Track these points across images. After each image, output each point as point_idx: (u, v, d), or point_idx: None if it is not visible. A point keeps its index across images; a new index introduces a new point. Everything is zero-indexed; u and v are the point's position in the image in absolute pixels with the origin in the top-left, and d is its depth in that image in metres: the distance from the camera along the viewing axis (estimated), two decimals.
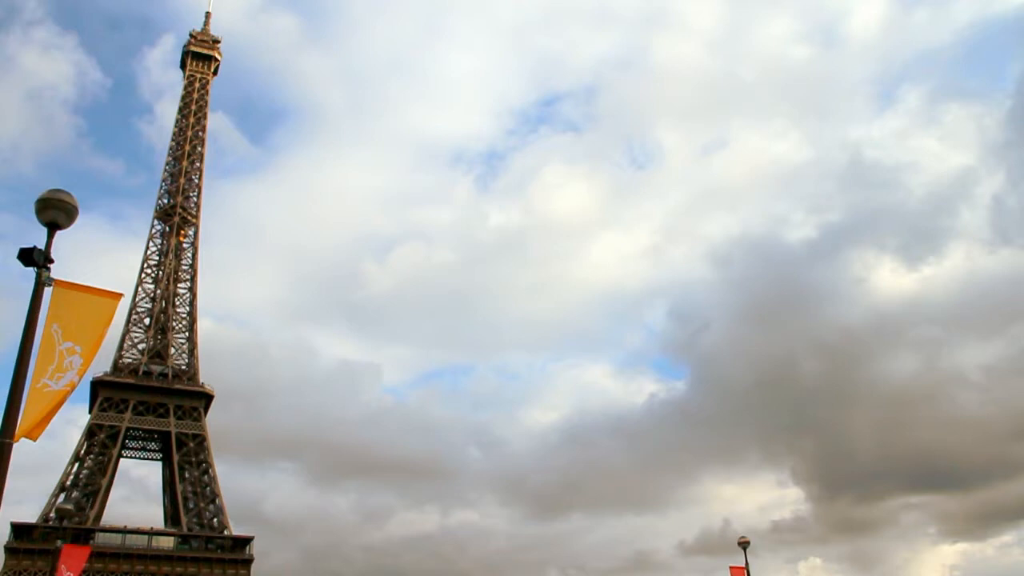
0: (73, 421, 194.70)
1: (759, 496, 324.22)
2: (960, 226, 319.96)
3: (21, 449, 9.22)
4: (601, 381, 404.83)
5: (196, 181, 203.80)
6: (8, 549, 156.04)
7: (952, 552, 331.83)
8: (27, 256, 9.79)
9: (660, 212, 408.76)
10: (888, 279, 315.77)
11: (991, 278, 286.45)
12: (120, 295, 10.37)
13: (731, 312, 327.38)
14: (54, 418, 9.57)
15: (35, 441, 9.63)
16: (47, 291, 9.77)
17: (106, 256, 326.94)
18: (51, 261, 9.87)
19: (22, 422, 9.14)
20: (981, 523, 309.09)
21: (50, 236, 10.16)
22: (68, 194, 10.19)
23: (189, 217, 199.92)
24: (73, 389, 9.55)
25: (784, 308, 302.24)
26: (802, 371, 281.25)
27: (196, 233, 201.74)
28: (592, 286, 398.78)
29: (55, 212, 10.08)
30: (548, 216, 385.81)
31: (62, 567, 28.85)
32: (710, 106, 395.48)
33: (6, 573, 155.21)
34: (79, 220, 10.43)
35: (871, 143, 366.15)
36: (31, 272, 9.93)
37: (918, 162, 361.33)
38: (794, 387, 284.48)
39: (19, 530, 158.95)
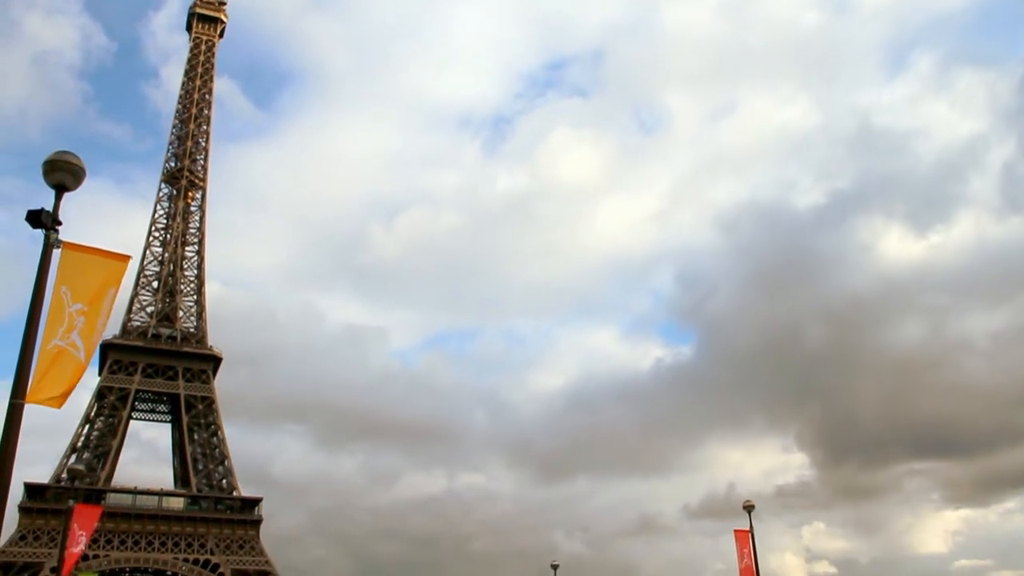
0: (83, 383, 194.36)
1: (764, 461, 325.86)
2: (970, 194, 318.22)
3: (32, 411, 9.30)
4: (607, 346, 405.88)
5: (203, 144, 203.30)
6: (22, 509, 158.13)
7: (955, 518, 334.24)
8: (35, 218, 9.81)
9: (667, 177, 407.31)
10: (896, 246, 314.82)
11: (1000, 246, 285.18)
12: (128, 257, 10.39)
13: (738, 278, 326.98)
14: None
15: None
16: (56, 253, 9.78)
17: (114, 220, 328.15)
18: (59, 223, 9.88)
19: (33, 383, 9.21)
20: (984, 490, 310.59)
21: (58, 198, 10.16)
22: (75, 156, 10.17)
23: (196, 180, 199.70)
24: (90, 356, 9.62)
25: (791, 274, 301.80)
26: (808, 337, 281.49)
27: (203, 196, 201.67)
28: (599, 251, 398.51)
29: (62, 174, 10.07)
30: (555, 180, 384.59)
31: (75, 526, 29.20)
32: (719, 71, 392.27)
33: (20, 532, 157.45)
34: (86, 184, 10.41)
35: (881, 109, 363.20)
36: (40, 236, 9.94)
37: (928, 129, 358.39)
38: (800, 353, 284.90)
39: (32, 490, 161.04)
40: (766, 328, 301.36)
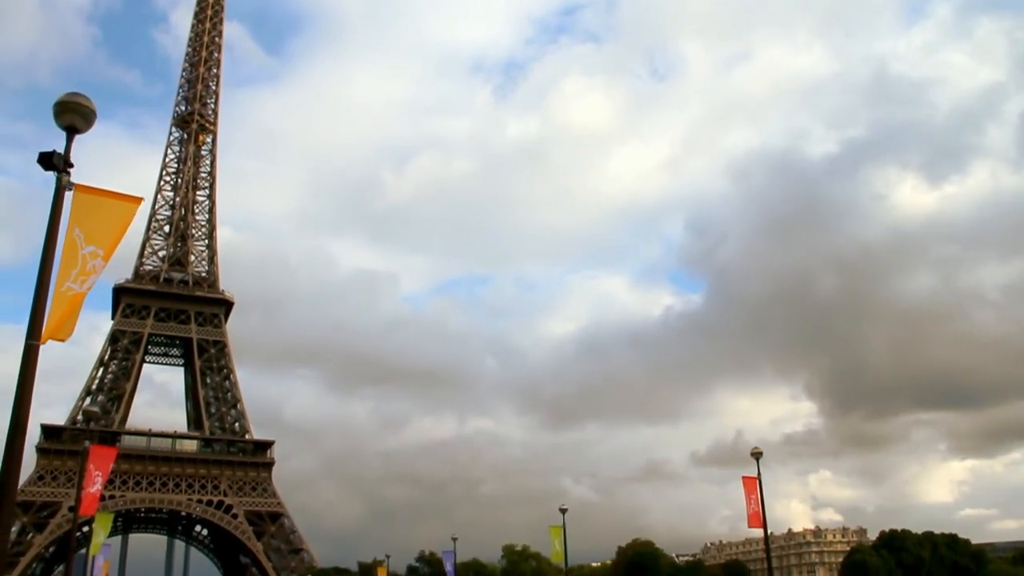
0: (97, 327, 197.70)
1: (772, 409, 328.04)
2: (986, 144, 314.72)
3: (47, 354, 9.36)
4: (618, 293, 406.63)
5: (213, 88, 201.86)
6: (39, 449, 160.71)
7: (961, 468, 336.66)
8: (47, 160, 9.77)
9: (680, 124, 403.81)
10: (909, 196, 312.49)
11: (1015, 197, 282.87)
12: (140, 199, 10.38)
13: (749, 226, 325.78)
14: (77, 324, 9.68)
15: (64, 341, 9.78)
16: (68, 196, 9.77)
17: (125, 165, 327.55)
18: (71, 165, 9.85)
19: (48, 325, 9.26)
20: (991, 440, 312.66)
21: (69, 140, 10.12)
22: (85, 97, 10.12)
23: (207, 124, 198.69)
24: (90, 288, 9.65)
25: (802, 224, 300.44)
26: (819, 287, 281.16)
27: (214, 140, 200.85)
28: (610, 198, 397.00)
29: (73, 115, 10.02)
30: (567, 127, 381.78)
31: (91, 466, 29.62)
32: (733, 18, 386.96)
33: (39, 472, 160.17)
34: (97, 129, 10.40)
35: (897, 57, 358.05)
36: (52, 178, 9.92)
37: (945, 77, 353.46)
38: (810, 302, 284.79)
39: (49, 432, 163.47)
40: (776, 277, 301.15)
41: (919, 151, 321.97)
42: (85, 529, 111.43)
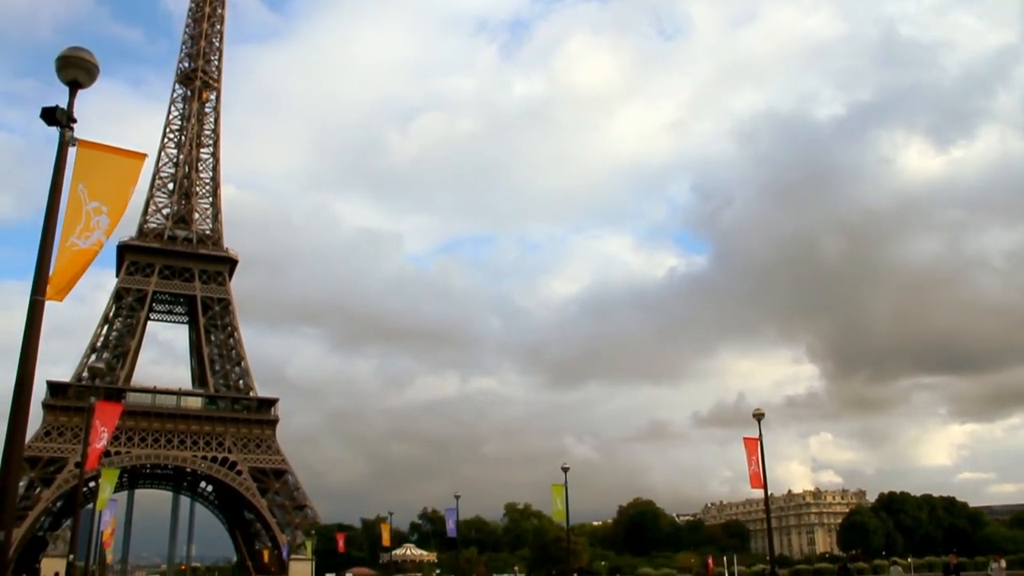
0: (101, 285, 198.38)
1: (774, 372, 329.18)
2: (995, 108, 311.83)
3: (52, 311, 9.37)
4: (622, 254, 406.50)
5: (216, 44, 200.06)
6: (45, 406, 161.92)
7: (961, 432, 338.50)
8: (50, 115, 9.71)
9: (686, 85, 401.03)
10: (915, 160, 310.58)
11: (1022, 162, 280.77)
12: (144, 155, 10.32)
13: (754, 189, 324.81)
14: (82, 281, 9.67)
15: (60, 302, 9.77)
16: (71, 152, 9.72)
17: (128, 122, 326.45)
18: (74, 120, 9.79)
19: (53, 280, 9.26)
20: (991, 405, 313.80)
21: (72, 95, 10.05)
22: (88, 52, 10.03)
23: (210, 81, 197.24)
24: (100, 248, 9.62)
25: (808, 187, 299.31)
26: (823, 250, 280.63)
27: (218, 98, 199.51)
28: (616, 159, 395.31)
29: (75, 70, 9.94)
30: (572, 87, 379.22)
31: (96, 422, 29.82)
32: None
33: (45, 428, 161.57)
34: (100, 85, 10.33)
35: (907, 19, 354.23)
36: (55, 134, 9.86)
37: (955, 40, 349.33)
38: (814, 266, 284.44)
39: (55, 388, 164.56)
40: (781, 240, 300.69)
41: (927, 114, 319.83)
42: (91, 484, 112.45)
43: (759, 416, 36.90)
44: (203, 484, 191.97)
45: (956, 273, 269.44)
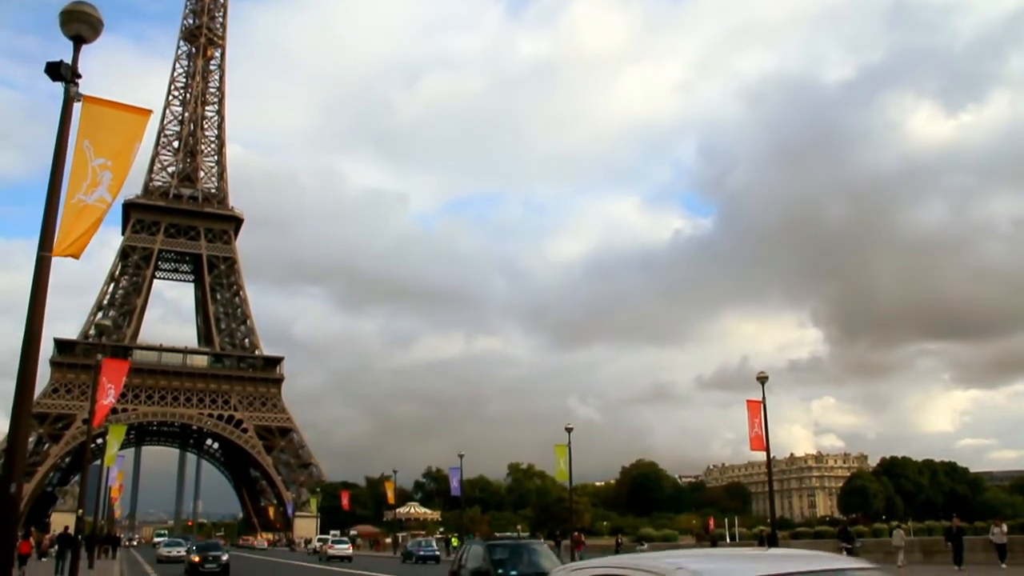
0: (107, 243, 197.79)
1: (778, 335, 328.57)
2: (1007, 72, 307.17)
3: (58, 268, 9.36)
4: (628, 215, 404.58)
5: (221, 1, 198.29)
6: (53, 363, 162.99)
7: (964, 398, 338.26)
8: (54, 70, 9.61)
9: (694, 46, 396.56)
10: (924, 125, 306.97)
11: None
12: (150, 111, 10.24)
13: (761, 152, 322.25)
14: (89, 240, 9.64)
15: (78, 258, 9.77)
16: (76, 108, 9.64)
17: (133, 79, 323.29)
18: (79, 75, 9.69)
19: (60, 237, 9.24)
20: (995, 371, 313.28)
21: (76, 50, 9.94)
22: (92, 6, 9.90)
23: (215, 38, 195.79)
24: (108, 206, 9.58)
25: (815, 150, 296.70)
26: (829, 214, 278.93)
27: (223, 55, 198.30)
28: (622, 120, 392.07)
29: (79, 24, 9.82)
30: (579, 46, 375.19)
31: (103, 379, 29.98)
32: None
33: (53, 385, 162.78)
34: (104, 41, 10.23)
35: None
36: (60, 90, 9.78)
37: (968, 2, 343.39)
38: (820, 230, 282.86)
39: (62, 346, 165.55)
40: (787, 203, 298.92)
41: (937, 78, 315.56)
42: (99, 441, 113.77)
43: (763, 379, 36.96)
44: (209, 441, 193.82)
45: (963, 239, 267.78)
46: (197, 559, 38.56)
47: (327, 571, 51.41)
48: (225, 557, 39.30)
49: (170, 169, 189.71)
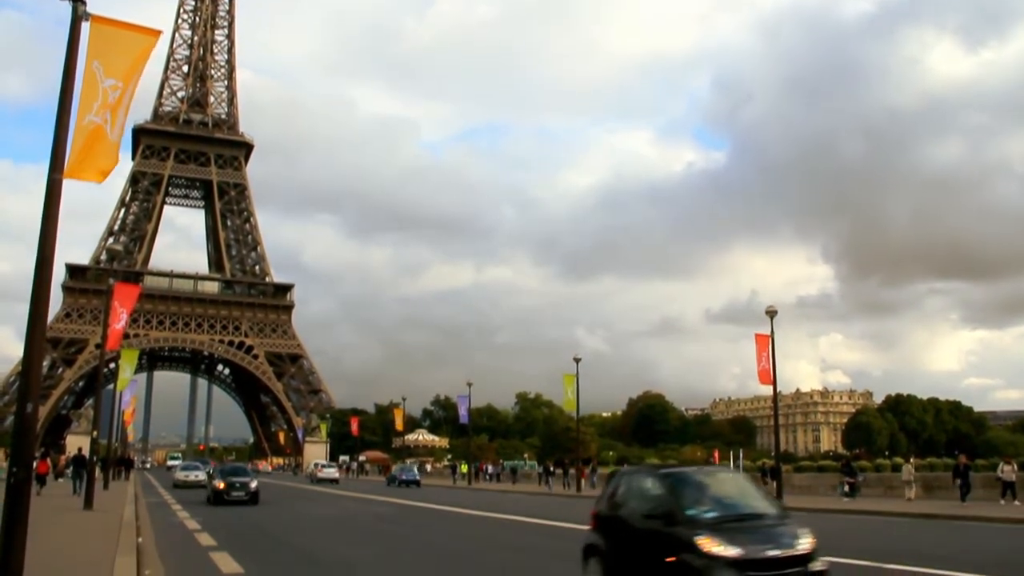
0: (117, 169, 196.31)
1: (788, 271, 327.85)
2: None
3: (69, 194, 9.29)
4: (640, 147, 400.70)
5: None
6: (65, 288, 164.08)
7: (970, 338, 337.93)
8: None
9: None
10: (943, 62, 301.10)
11: None
12: (159, 32, 10.04)
13: (776, 85, 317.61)
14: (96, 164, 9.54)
15: (101, 183, 9.72)
16: (84, 28, 9.47)
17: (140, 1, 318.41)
18: None
19: (71, 159, 9.15)
20: (1003, 312, 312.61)
21: None
22: None
23: None
24: (122, 132, 9.49)
25: (831, 85, 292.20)
26: (843, 150, 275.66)
27: None
28: (636, 51, 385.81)
29: None
30: None
31: (115, 303, 30.11)
32: None
33: (65, 310, 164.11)
34: None
35: None
36: (67, 15, 9.60)
37: None
38: (834, 166, 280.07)
39: (74, 271, 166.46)
40: (801, 138, 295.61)
41: (958, 13, 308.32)
42: (112, 365, 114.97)
43: (772, 313, 36.87)
44: (220, 367, 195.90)
45: (977, 178, 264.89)
46: (222, 485, 34.34)
47: (309, 490, 53.45)
48: (254, 484, 35.03)
49: (180, 94, 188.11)
